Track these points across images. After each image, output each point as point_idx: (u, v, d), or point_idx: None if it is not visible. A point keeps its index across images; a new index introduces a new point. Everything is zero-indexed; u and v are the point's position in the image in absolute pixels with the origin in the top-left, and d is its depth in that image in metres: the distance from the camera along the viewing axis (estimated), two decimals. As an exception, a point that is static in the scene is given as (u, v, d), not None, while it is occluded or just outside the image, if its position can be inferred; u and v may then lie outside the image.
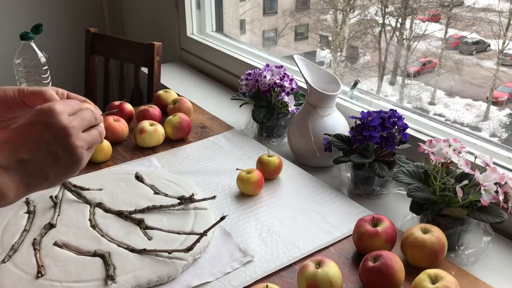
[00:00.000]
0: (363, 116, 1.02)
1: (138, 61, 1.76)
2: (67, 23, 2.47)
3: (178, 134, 1.27)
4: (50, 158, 0.63)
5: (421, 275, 0.74)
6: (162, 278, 0.80)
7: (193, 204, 0.98)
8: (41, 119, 0.63)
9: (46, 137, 0.62)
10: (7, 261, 0.83)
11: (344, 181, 1.08)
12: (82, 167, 0.67)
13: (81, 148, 0.65)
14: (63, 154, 0.64)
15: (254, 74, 1.26)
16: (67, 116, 0.64)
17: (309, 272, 0.75)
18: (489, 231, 0.86)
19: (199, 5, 1.93)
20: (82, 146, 0.65)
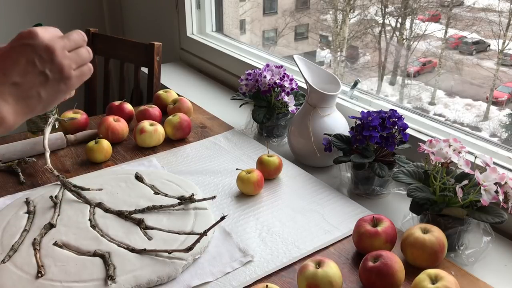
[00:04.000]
0: (363, 116, 1.02)
1: (138, 61, 1.76)
2: (67, 23, 2.47)
3: (178, 134, 1.27)
4: (40, 79, 0.64)
5: (421, 275, 0.74)
6: (162, 278, 0.80)
7: (193, 204, 0.98)
8: (24, 42, 0.63)
9: (32, 58, 0.63)
10: (7, 261, 0.83)
11: (344, 181, 1.08)
12: (73, 86, 0.68)
13: (69, 67, 0.66)
14: (51, 73, 0.64)
15: (254, 74, 1.26)
16: (49, 36, 0.65)
17: (309, 272, 0.75)
18: (489, 231, 0.86)
19: (199, 5, 1.93)
20: (69, 65, 0.66)
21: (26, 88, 0.63)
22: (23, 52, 0.63)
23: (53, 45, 0.64)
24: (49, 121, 1.16)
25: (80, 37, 0.69)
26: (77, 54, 0.68)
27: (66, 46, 0.66)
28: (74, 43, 0.68)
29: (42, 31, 0.65)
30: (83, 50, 0.69)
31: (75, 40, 0.68)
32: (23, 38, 0.64)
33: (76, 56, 0.67)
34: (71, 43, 0.67)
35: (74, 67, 0.67)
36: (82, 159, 1.20)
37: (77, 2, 2.48)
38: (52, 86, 0.65)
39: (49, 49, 0.64)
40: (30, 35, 0.64)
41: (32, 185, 1.09)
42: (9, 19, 2.32)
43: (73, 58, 0.67)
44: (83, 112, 1.33)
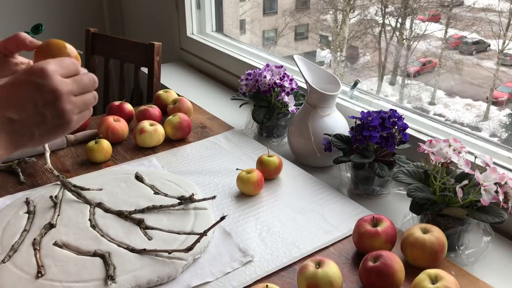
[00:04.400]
0: (363, 116, 1.02)
1: (138, 61, 1.76)
2: (67, 23, 2.47)
3: (178, 134, 1.27)
4: (37, 119, 0.62)
5: (421, 275, 0.74)
6: (162, 278, 0.80)
7: (193, 204, 0.98)
8: (32, 79, 0.61)
9: (35, 98, 0.61)
10: (7, 261, 0.83)
11: (344, 181, 1.08)
12: (70, 130, 0.66)
13: (70, 113, 0.64)
14: (50, 116, 0.62)
15: (254, 74, 1.26)
16: (59, 78, 0.62)
17: (309, 272, 0.75)
18: (489, 231, 0.86)
19: (199, 5, 1.93)
20: (71, 111, 0.64)
21: (20, 126, 0.61)
22: (27, 89, 0.61)
23: (61, 89, 0.62)
24: (49, 121, 1.15)
25: (91, 83, 0.67)
26: (83, 100, 0.66)
27: (74, 91, 0.64)
28: (83, 88, 0.66)
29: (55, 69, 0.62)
30: (89, 96, 0.67)
31: (85, 86, 0.66)
32: (33, 74, 0.61)
33: (81, 102, 0.65)
34: (80, 88, 0.65)
35: (76, 112, 0.65)
36: (82, 159, 1.20)
37: (77, 2, 2.48)
38: (49, 128, 0.63)
39: (56, 92, 0.61)
40: (41, 74, 0.61)
41: (32, 185, 1.09)
42: (9, 19, 2.32)
43: (78, 103, 0.65)
44: (83, 112, 1.32)
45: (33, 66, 0.62)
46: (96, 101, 0.68)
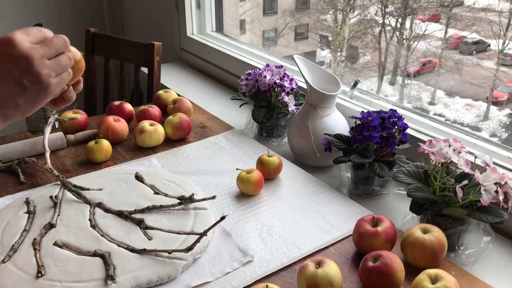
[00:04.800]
0: (363, 116, 1.02)
1: (138, 61, 1.76)
2: (67, 23, 2.47)
3: (178, 134, 1.27)
4: (17, 89, 0.62)
5: (421, 275, 0.74)
6: (162, 278, 0.80)
7: (193, 204, 0.98)
8: (1, 51, 0.61)
9: (8, 68, 0.61)
10: (7, 261, 0.83)
11: (344, 181, 1.08)
12: (52, 93, 0.66)
13: (47, 76, 0.63)
14: (28, 83, 0.62)
15: (254, 74, 1.26)
16: (27, 44, 0.62)
17: (309, 272, 0.75)
18: (489, 231, 0.86)
19: (199, 5, 1.93)
20: (48, 74, 0.63)
21: (2, 99, 0.62)
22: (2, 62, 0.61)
23: (31, 54, 0.62)
24: (49, 121, 1.16)
25: (61, 42, 0.66)
26: (57, 61, 0.65)
27: (46, 54, 0.64)
28: (54, 50, 0.65)
29: (22, 37, 0.62)
30: (63, 57, 0.66)
31: (56, 47, 0.65)
32: (1, 46, 0.61)
33: (55, 64, 0.65)
34: (51, 50, 0.65)
35: (53, 75, 0.64)
36: (82, 159, 1.20)
37: (77, 2, 2.48)
38: (31, 95, 0.64)
39: (27, 58, 0.61)
40: (9, 43, 0.61)
41: (32, 185, 1.09)
42: (9, 19, 2.32)
43: (53, 66, 0.64)
44: (83, 112, 1.33)
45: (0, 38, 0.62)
46: (71, 62, 0.68)
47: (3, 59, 0.61)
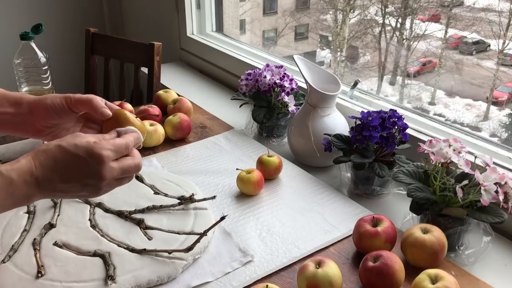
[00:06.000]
0: (363, 116, 1.02)
1: (138, 61, 1.76)
2: (67, 23, 2.47)
3: (178, 134, 1.27)
4: (79, 187, 0.69)
5: (421, 275, 0.74)
6: (162, 278, 0.80)
7: (193, 204, 0.98)
8: (88, 162, 0.67)
9: (83, 178, 0.68)
10: (7, 261, 0.83)
11: (344, 181, 1.08)
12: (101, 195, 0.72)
13: (103, 192, 0.71)
14: (86, 191, 0.70)
15: (254, 74, 1.26)
16: (109, 166, 0.68)
17: (309, 272, 0.75)
18: (489, 231, 0.86)
19: (199, 5, 1.93)
20: (105, 191, 0.71)
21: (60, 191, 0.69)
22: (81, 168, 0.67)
23: (106, 176, 0.68)
24: (49, 121, 1.15)
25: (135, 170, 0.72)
26: (119, 183, 0.72)
27: (117, 176, 0.70)
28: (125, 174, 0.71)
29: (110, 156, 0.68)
30: (126, 180, 0.73)
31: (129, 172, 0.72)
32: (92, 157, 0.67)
33: (116, 184, 0.72)
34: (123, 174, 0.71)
35: (108, 190, 0.71)
36: (82, 159, 1.20)
37: (77, 2, 2.48)
38: (79, 195, 0.71)
39: (101, 178, 0.68)
40: (99, 160, 0.67)
41: (32, 185, 1.09)
42: (9, 19, 2.32)
43: (113, 185, 0.71)
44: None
45: (94, 148, 0.67)
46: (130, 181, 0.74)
47: (86, 169, 0.67)
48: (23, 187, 0.65)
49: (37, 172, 0.65)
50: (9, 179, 0.64)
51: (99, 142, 0.68)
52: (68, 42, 2.47)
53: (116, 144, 0.70)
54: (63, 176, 0.67)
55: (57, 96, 0.77)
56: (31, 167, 0.66)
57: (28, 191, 0.65)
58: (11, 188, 0.64)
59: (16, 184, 0.64)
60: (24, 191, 0.65)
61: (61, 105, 0.76)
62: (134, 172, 0.73)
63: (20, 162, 0.66)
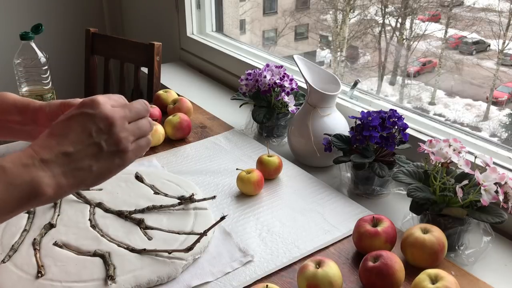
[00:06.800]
0: (363, 116, 1.02)
1: (138, 61, 1.76)
2: (67, 23, 2.47)
3: (178, 134, 1.27)
4: (93, 150, 0.60)
5: (421, 275, 0.74)
6: (162, 278, 0.80)
7: (193, 204, 0.98)
8: (84, 111, 0.61)
9: (89, 128, 0.60)
10: (7, 261, 0.83)
11: (344, 181, 1.08)
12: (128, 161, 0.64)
13: (126, 140, 0.62)
14: (106, 145, 0.61)
15: (254, 74, 1.26)
16: (110, 107, 0.62)
17: (309, 272, 0.75)
18: (489, 231, 0.86)
19: (199, 5, 1.93)
20: (126, 138, 0.63)
21: (76, 159, 0.59)
22: (80, 120, 0.61)
23: (113, 115, 0.61)
24: (49, 121, 1.15)
25: (143, 107, 0.67)
26: (137, 126, 0.65)
27: (127, 117, 0.64)
28: (135, 114, 0.65)
29: (105, 100, 0.62)
30: (144, 121, 0.66)
31: (138, 111, 0.65)
32: (84, 106, 0.61)
33: (135, 128, 0.64)
34: (133, 114, 0.65)
35: (131, 139, 0.64)
36: (82, 159, 1.20)
37: (77, 2, 2.48)
38: (106, 159, 0.61)
39: (108, 119, 0.61)
40: (92, 104, 0.61)
41: (32, 185, 1.09)
42: (9, 19, 2.32)
43: (132, 130, 0.64)
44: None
45: (84, 99, 0.62)
46: (152, 127, 0.67)
47: (85, 118, 0.61)
48: (23, 172, 0.56)
49: (38, 153, 0.58)
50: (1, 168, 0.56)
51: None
52: (68, 42, 2.47)
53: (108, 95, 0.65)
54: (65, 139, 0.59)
55: (56, 103, 0.74)
56: (28, 151, 0.58)
57: (30, 175, 0.56)
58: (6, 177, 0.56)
59: (12, 170, 0.56)
60: (25, 177, 0.56)
61: (58, 112, 0.73)
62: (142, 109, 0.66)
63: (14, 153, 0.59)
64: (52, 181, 0.58)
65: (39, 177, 0.57)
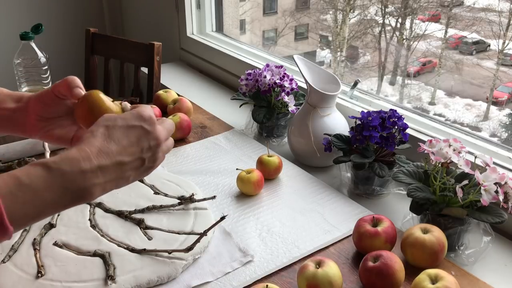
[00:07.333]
0: (363, 116, 1.02)
1: (138, 61, 1.76)
2: (67, 23, 2.47)
3: (178, 134, 1.27)
4: (138, 163, 0.65)
5: (421, 275, 0.74)
6: (162, 278, 0.80)
7: (193, 204, 0.98)
8: (143, 126, 0.65)
9: (143, 143, 0.64)
10: (7, 261, 0.83)
11: (344, 181, 1.08)
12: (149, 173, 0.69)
13: (160, 159, 0.68)
14: (148, 162, 0.66)
15: (254, 74, 1.26)
16: (160, 127, 0.67)
17: (309, 272, 0.75)
18: (489, 231, 0.86)
19: (199, 5, 1.93)
20: (162, 157, 0.68)
21: (126, 169, 0.63)
22: (138, 134, 0.64)
23: (161, 137, 0.66)
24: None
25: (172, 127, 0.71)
26: (167, 146, 0.70)
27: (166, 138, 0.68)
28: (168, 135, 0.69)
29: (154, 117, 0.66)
30: (170, 142, 0.71)
31: (170, 132, 0.70)
32: (143, 120, 0.65)
33: (166, 149, 0.69)
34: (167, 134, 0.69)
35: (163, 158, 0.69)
36: (82, 159, 1.20)
37: (77, 2, 2.48)
38: (142, 171, 0.66)
39: (158, 140, 0.66)
40: (150, 121, 0.65)
41: (32, 185, 1.09)
42: (9, 19, 2.32)
43: (165, 150, 0.69)
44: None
45: (142, 111, 0.65)
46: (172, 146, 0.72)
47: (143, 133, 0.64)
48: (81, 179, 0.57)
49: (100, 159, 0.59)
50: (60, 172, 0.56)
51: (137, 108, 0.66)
52: (68, 42, 2.47)
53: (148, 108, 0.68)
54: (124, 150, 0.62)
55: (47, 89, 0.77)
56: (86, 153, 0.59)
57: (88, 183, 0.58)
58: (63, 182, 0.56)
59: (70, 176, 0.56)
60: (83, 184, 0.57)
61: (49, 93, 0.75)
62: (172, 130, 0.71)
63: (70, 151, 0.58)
64: (102, 188, 0.61)
65: (94, 185, 0.59)
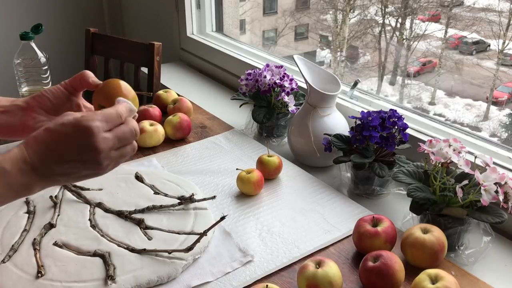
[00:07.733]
0: (363, 116, 1.02)
1: (138, 61, 1.76)
2: (67, 23, 2.47)
3: (178, 134, 1.27)
4: (74, 169, 0.67)
5: (421, 275, 0.74)
6: (162, 278, 0.80)
7: (193, 204, 0.98)
8: (77, 136, 0.65)
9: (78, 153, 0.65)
10: (7, 261, 0.83)
11: (344, 181, 1.08)
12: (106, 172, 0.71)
13: (106, 166, 0.68)
14: (86, 168, 0.67)
15: (254, 74, 1.26)
16: (102, 136, 0.66)
17: (309, 272, 0.75)
18: (489, 231, 0.86)
19: (199, 5, 1.93)
20: (107, 165, 0.68)
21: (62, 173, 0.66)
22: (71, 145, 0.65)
23: (102, 148, 0.66)
24: (49, 121, 1.15)
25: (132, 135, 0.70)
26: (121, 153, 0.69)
27: (115, 146, 0.68)
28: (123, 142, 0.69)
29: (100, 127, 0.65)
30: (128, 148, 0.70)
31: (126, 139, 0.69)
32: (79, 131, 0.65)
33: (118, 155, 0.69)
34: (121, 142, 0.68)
35: (112, 165, 0.69)
36: (82, 159, 1.20)
37: (77, 2, 2.48)
38: (86, 173, 0.68)
39: (96, 151, 0.66)
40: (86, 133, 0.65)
41: (32, 185, 1.09)
42: (9, 19, 2.32)
43: (115, 157, 0.69)
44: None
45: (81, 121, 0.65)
46: (134, 151, 0.72)
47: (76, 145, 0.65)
48: (19, 176, 0.63)
49: (31, 159, 0.64)
50: (2, 170, 0.63)
51: (86, 115, 0.66)
52: (68, 42, 2.47)
53: (105, 114, 0.67)
54: (58, 157, 0.65)
55: (52, 87, 0.78)
56: (24, 154, 0.64)
57: (25, 180, 0.64)
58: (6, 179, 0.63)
59: (11, 173, 0.63)
60: (22, 180, 0.64)
61: (59, 90, 0.76)
62: (131, 138, 0.70)
63: (12, 151, 0.64)
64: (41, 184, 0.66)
65: (33, 183, 0.65)
